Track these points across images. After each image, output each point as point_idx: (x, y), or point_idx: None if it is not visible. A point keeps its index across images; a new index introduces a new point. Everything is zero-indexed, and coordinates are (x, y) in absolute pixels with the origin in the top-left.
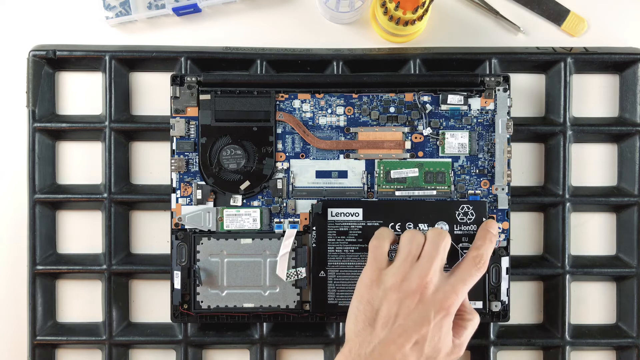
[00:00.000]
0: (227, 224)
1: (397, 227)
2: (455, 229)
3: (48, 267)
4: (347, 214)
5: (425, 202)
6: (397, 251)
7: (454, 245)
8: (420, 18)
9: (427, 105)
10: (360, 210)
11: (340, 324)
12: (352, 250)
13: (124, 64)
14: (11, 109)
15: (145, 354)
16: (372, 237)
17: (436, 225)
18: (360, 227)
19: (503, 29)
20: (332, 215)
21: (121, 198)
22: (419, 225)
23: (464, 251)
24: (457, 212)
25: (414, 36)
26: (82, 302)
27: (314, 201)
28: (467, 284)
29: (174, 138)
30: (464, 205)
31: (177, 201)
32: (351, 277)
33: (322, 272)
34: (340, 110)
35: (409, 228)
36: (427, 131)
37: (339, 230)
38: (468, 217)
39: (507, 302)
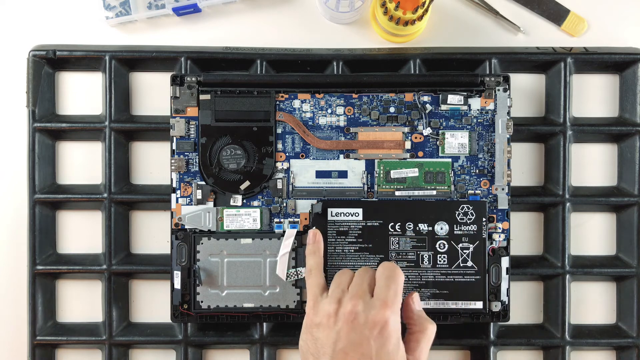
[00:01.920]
0: (227, 224)
1: (397, 227)
2: (455, 229)
3: (48, 267)
4: (347, 214)
5: (425, 202)
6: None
7: (454, 246)
8: (420, 18)
9: (427, 105)
10: (360, 210)
11: None
12: (352, 250)
13: (124, 64)
14: (11, 109)
15: (145, 354)
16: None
17: (436, 225)
18: (360, 227)
19: (503, 29)
20: (332, 215)
21: (121, 198)
22: (419, 225)
23: (464, 251)
24: (457, 212)
25: (414, 36)
26: (82, 302)
27: (314, 201)
28: (391, 290)
29: (174, 138)
30: (464, 205)
31: (177, 201)
32: None
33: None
34: (340, 110)
35: (409, 228)
36: (427, 131)
37: (338, 230)
38: (468, 217)
39: (507, 302)
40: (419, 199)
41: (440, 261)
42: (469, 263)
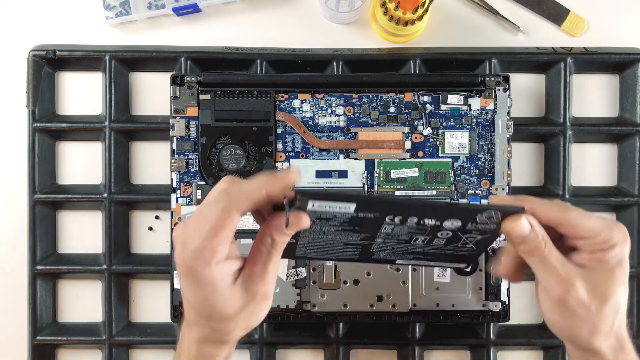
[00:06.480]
0: None
1: (396, 219)
2: (469, 226)
3: (48, 267)
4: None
5: (451, 204)
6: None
7: (459, 235)
8: (420, 18)
9: (427, 105)
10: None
11: (341, 324)
12: (332, 230)
13: (124, 64)
14: (11, 109)
15: (145, 354)
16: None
17: (446, 221)
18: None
19: (503, 29)
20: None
21: (121, 198)
22: (425, 220)
23: (469, 239)
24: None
25: (414, 36)
26: (82, 302)
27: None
28: None
29: (174, 138)
30: (491, 211)
31: (177, 201)
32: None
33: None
34: (340, 110)
35: (411, 222)
36: (427, 131)
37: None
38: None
39: (507, 302)
40: (418, 199)
41: (436, 243)
42: (469, 245)
